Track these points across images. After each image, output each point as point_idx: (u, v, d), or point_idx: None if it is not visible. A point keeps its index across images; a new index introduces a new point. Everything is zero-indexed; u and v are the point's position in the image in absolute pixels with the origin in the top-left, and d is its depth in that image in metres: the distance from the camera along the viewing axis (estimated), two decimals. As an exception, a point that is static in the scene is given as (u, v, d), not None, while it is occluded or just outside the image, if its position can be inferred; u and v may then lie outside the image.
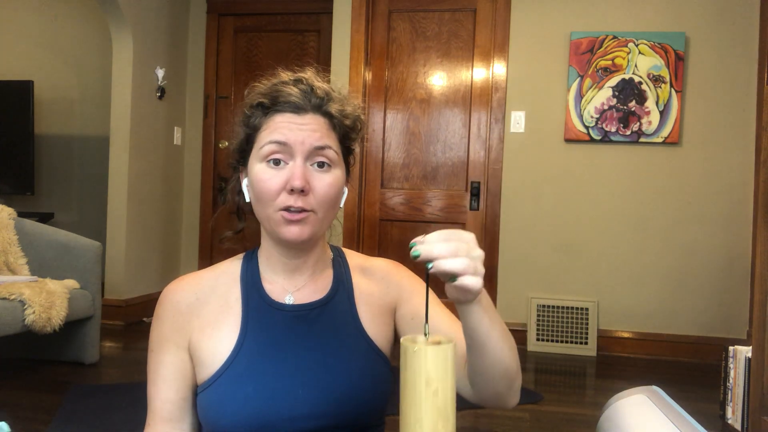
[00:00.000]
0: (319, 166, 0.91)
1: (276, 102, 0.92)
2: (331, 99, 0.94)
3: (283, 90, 0.92)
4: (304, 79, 0.95)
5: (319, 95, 0.93)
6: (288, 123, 0.91)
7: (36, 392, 2.64)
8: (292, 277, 0.98)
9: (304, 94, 0.92)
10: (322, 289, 0.99)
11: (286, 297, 0.97)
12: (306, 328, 0.95)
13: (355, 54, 4.00)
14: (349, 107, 0.97)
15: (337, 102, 0.95)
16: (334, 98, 0.95)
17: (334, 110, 0.93)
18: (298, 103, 0.91)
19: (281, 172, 0.89)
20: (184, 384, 0.94)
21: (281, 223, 0.90)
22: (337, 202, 0.95)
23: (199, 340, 0.94)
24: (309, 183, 0.89)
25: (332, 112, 0.93)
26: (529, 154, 3.85)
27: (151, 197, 4.19)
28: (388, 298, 1.01)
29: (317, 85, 0.94)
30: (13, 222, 3.04)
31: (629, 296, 3.74)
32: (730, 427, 2.42)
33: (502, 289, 3.88)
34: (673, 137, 3.67)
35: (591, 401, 2.88)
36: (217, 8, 4.55)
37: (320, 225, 0.93)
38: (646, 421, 0.84)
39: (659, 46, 3.68)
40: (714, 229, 3.67)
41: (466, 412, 2.57)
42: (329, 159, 0.91)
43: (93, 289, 3.00)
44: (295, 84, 0.94)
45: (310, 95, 0.92)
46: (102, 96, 4.49)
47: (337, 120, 0.94)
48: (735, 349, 2.47)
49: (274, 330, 0.94)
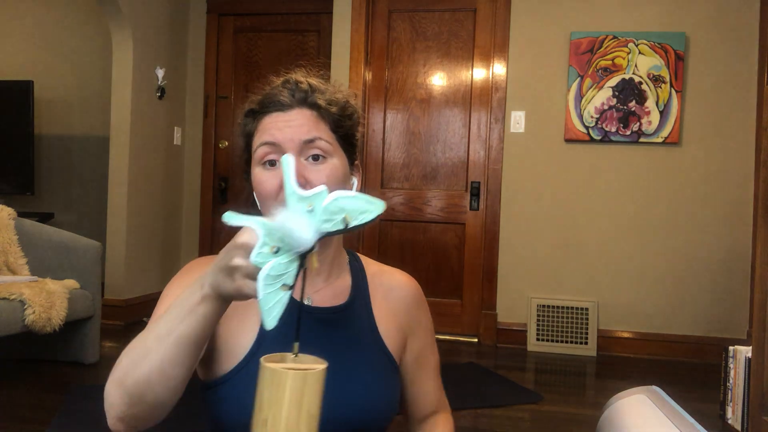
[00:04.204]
0: (314, 159, 0.89)
1: (263, 105, 0.93)
2: (316, 90, 0.93)
3: (270, 92, 0.93)
4: (291, 78, 0.95)
5: (303, 89, 0.92)
6: (275, 122, 0.91)
7: (36, 392, 2.64)
8: (309, 277, 0.96)
9: (290, 91, 0.92)
10: (340, 293, 0.98)
11: (305, 299, 0.94)
12: (325, 332, 0.93)
13: (355, 54, 4.00)
14: (339, 95, 0.95)
15: (324, 92, 0.94)
16: (320, 89, 0.94)
17: (320, 100, 0.92)
18: (284, 102, 0.91)
19: (276, 172, 0.89)
20: None
21: None
22: None
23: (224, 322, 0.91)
24: (305, 178, 0.88)
25: (318, 103, 0.92)
26: (529, 154, 3.85)
27: (151, 197, 4.19)
28: (405, 321, 1.01)
29: (301, 79, 0.94)
30: (13, 222, 3.04)
31: (629, 296, 3.74)
32: (730, 427, 2.42)
33: (502, 289, 3.88)
34: (673, 137, 3.67)
35: (591, 401, 2.88)
36: (217, 8, 4.55)
37: None
38: (646, 421, 0.84)
39: (659, 46, 3.68)
40: (714, 229, 3.67)
41: (466, 412, 2.57)
42: (323, 150, 0.90)
43: (93, 289, 3.00)
44: (283, 85, 0.94)
45: (295, 91, 0.92)
46: (102, 96, 4.49)
47: (324, 110, 0.92)
48: (735, 349, 2.47)
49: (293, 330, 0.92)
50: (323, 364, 0.63)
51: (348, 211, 0.64)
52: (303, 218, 0.63)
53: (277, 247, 0.63)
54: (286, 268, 0.64)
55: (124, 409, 0.76)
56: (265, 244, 0.63)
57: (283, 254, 0.63)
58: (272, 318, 0.64)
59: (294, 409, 0.60)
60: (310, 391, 0.61)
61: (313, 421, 0.61)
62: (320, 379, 0.62)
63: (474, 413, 2.57)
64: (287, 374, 0.60)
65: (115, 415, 0.76)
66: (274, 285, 0.63)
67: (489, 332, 3.87)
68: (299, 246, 0.63)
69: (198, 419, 0.96)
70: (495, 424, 2.47)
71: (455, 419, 1.14)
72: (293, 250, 0.63)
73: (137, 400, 0.75)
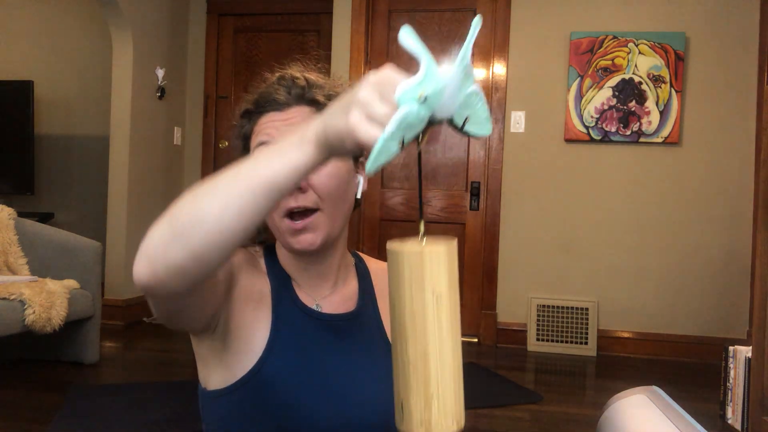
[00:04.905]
0: None
1: (259, 105, 0.89)
2: (314, 85, 0.89)
3: (265, 90, 0.90)
4: (286, 74, 0.91)
5: (299, 85, 0.88)
6: (271, 122, 0.87)
7: (36, 392, 2.64)
8: (316, 283, 0.94)
9: (286, 88, 0.88)
10: (349, 299, 0.95)
11: (314, 304, 0.92)
12: (335, 339, 0.91)
13: (355, 54, 4.00)
14: (339, 89, 0.91)
15: (322, 87, 0.90)
16: (317, 84, 0.90)
17: (319, 96, 0.88)
18: (280, 100, 0.88)
19: None
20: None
21: (289, 233, 0.86)
22: (346, 194, 0.89)
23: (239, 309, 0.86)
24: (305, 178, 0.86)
25: (317, 99, 0.88)
26: (529, 154, 3.85)
27: (151, 197, 4.19)
28: None
29: (297, 75, 0.90)
30: (13, 222, 3.04)
31: (629, 296, 3.74)
32: (730, 427, 2.42)
33: (502, 289, 3.88)
34: (673, 137, 3.67)
35: (591, 401, 2.88)
36: (217, 8, 4.55)
37: (331, 224, 0.87)
38: (646, 421, 0.84)
39: (659, 46, 3.68)
40: (714, 229, 3.67)
41: (466, 412, 2.57)
42: None
43: (93, 289, 3.00)
44: (278, 82, 0.90)
45: (291, 87, 0.88)
46: (102, 96, 4.49)
47: (323, 105, 0.86)
48: (735, 349, 2.47)
49: (304, 336, 0.89)
50: (449, 243, 0.58)
51: (473, 114, 0.60)
52: (458, 89, 0.57)
53: (425, 96, 0.55)
54: (417, 123, 0.56)
55: (161, 248, 0.62)
56: (421, 85, 0.55)
57: (425, 108, 0.56)
58: (375, 165, 0.56)
59: (417, 291, 0.56)
60: (434, 272, 0.56)
61: (442, 300, 0.56)
62: (442, 257, 0.57)
63: (474, 413, 2.57)
64: (402, 253, 0.56)
65: (146, 255, 0.63)
66: (396, 136, 0.55)
67: (489, 332, 3.87)
68: (440, 109, 0.56)
69: (198, 421, 0.95)
70: (495, 424, 2.47)
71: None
72: (434, 109, 0.56)
73: (180, 239, 0.62)
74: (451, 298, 0.57)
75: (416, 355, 0.57)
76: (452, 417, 0.59)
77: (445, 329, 0.57)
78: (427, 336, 0.57)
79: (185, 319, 0.79)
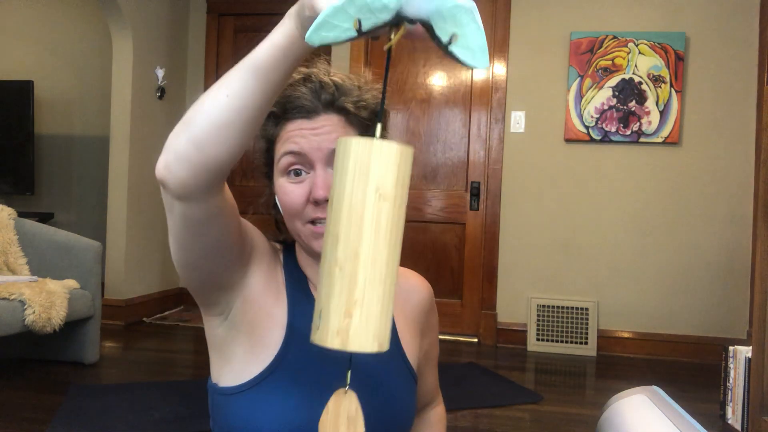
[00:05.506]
0: None
1: (285, 109, 0.86)
2: (344, 92, 0.86)
3: (292, 93, 0.86)
4: (312, 75, 0.87)
5: (329, 91, 0.85)
6: (299, 130, 0.85)
7: (36, 392, 2.64)
8: None
9: (313, 92, 0.85)
10: None
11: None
12: None
13: (355, 54, 4.00)
14: (368, 95, 0.89)
15: (351, 93, 0.87)
16: (347, 90, 0.87)
17: (348, 104, 0.86)
18: (308, 106, 0.85)
19: (303, 184, 0.84)
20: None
21: (311, 236, 0.86)
22: None
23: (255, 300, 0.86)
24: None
25: (347, 107, 0.86)
26: (529, 154, 3.86)
27: (151, 197, 4.19)
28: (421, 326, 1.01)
29: (326, 80, 0.86)
30: (13, 222, 3.04)
31: (629, 296, 3.74)
32: (730, 427, 2.42)
33: (502, 289, 3.88)
34: (673, 137, 3.67)
35: (591, 401, 2.87)
36: (217, 8, 4.55)
37: None
38: (646, 421, 0.84)
39: (659, 46, 3.68)
40: (714, 229, 3.67)
41: (466, 412, 2.57)
42: None
43: (93, 289, 3.00)
44: (304, 83, 0.86)
45: (320, 92, 0.85)
46: (102, 96, 4.49)
47: (353, 115, 0.86)
48: (735, 349, 2.47)
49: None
50: (405, 145, 0.52)
51: (462, 35, 0.55)
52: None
53: None
54: (380, 9, 0.52)
55: (172, 140, 0.69)
56: None
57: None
58: (318, 35, 0.53)
59: (359, 183, 0.51)
60: (381, 166, 0.51)
61: (385, 200, 0.51)
62: (393, 154, 0.51)
63: (474, 413, 2.56)
64: (350, 141, 0.51)
65: (164, 149, 0.70)
66: (349, 10, 0.52)
67: (489, 332, 3.87)
68: (410, 2, 0.53)
69: (199, 421, 0.94)
70: (495, 424, 2.47)
71: (455, 419, 1.15)
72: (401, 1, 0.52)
73: (185, 128, 0.69)
74: (396, 203, 0.52)
75: (346, 255, 0.51)
76: (374, 335, 0.51)
77: (383, 234, 0.51)
78: (362, 235, 0.51)
79: (208, 265, 0.79)
